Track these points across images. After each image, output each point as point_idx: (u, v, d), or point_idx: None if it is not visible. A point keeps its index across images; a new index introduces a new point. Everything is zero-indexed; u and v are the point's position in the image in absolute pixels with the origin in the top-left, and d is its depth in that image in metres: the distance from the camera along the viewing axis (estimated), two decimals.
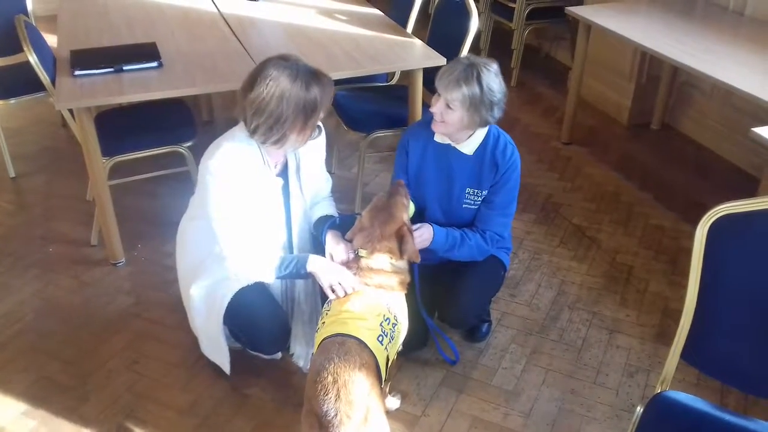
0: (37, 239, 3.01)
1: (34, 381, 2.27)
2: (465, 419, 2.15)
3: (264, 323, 2.12)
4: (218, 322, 2.11)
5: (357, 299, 1.86)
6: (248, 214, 1.99)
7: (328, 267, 1.97)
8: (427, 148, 2.24)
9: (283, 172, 2.12)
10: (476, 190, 2.21)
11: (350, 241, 2.01)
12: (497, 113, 2.07)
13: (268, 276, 2.02)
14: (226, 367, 2.20)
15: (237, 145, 1.97)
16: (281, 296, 2.25)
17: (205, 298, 2.13)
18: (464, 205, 2.24)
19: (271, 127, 1.89)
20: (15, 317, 2.56)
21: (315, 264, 1.99)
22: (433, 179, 2.25)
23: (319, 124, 2.12)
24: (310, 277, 2.01)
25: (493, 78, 2.02)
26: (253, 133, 1.93)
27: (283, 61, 1.92)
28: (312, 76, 1.91)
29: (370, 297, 1.87)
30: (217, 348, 2.20)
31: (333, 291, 1.92)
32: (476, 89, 1.99)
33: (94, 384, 2.26)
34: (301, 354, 2.27)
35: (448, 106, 2.04)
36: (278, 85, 1.86)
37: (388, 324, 1.83)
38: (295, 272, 2.01)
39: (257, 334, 2.15)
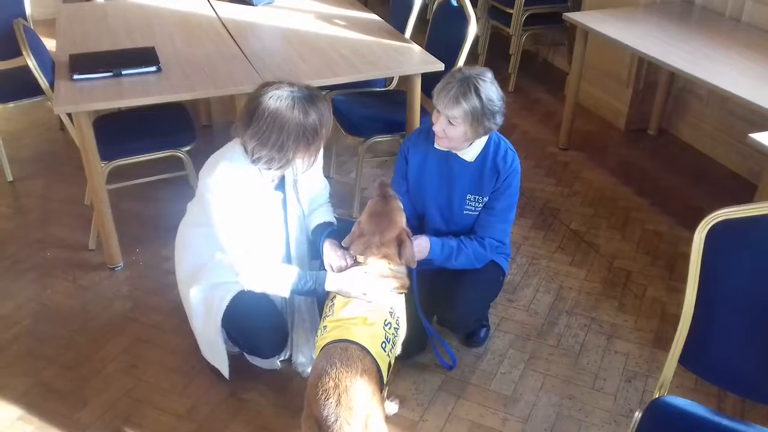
0: (35, 243, 3.01)
1: (31, 386, 2.27)
2: (463, 424, 2.15)
3: (262, 326, 2.12)
4: (216, 325, 2.11)
5: (361, 303, 1.86)
6: (249, 228, 1.99)
7: (349, 282, 1.93)
8: (428, 155, 2.24)
9: (281, 185, 2.13)
10: (477, 197, 2.22)
11: (347, 247, 2.00)
12: (499, 120, 2.08)
13: (284, 292, 2.00)
14: (225, 371, 2.20)
15: (233, 165, 1.96)
16: (281, 304, 2.24)
17: (204, 301, 2.13)
18: (465, 212, 2.25)
19: (273, 157, 1.91)
20: (12, 321, 2.55)
21: (334, 283, 1.95)
22: (433, 186, 2.25)
23: None
24: (327, 295, 2.00)
25: (489, 87, 2.02)
26: (256, 162, 1.94)
27: (277, 90, 1.90)
28: (308, 100, 1.91)
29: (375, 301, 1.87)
30: (215, 351, 2.19)
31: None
32: (476, 102, 1.99)
33: (91, 389, 2.26)
34: (303, 362, 2.27)
35: (450, 122, 2.03)
36: (276, 117, 1.86)
37: (390, 329, 1.84)
38: (312, 290, 1.99)
39: (255, 338, 2.15)
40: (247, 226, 1.97)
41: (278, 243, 2.13)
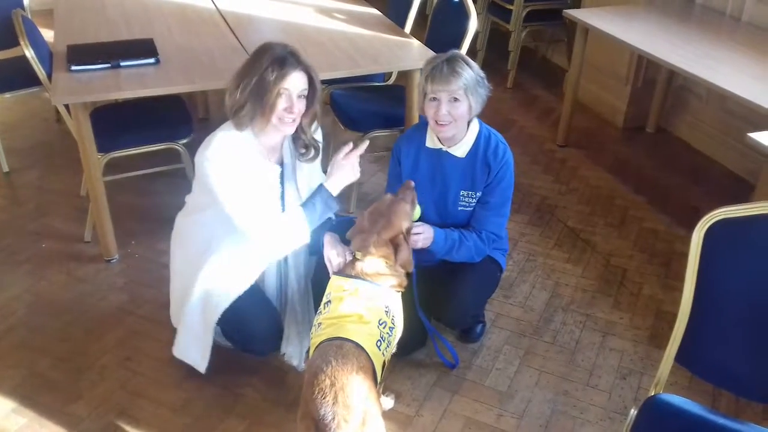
0: (30, 234, 3.00)
1: (25, 378, 2.26)
2: (458, 420, 2.15)
3: (257, 325, 2.12)
4: (212, 322, 2.10)
5: (357, 301, 1.85)
6: (249, 194, 1.98)
7: (343, 175, 2.09)
8: (420, 153, 2.26)
9: (279, 165, 2.12)
10: (471, 192, 2.22)
11: (350, 240, 2.00)
12: (488, 87, 2.15)
13: (305, 236, 2.03)
14: (202, 367, 2.16)
15: (231, 134, 1.98)
16: (275, 297, 2.24)
17: (203, 297, 2.11)
18: (460, 208, 2.25)
19: (232, 91, 1.95)
20: (6, 313, 2.54)
21: (334, 185, 2.08)
22: (427, 184, 2.25)
23: (319, 140, 2.15)
24: (338, 205, 2.09)
25: (470, 60, 2.13)
26: (226, 101, 1.98)
27: (278, 45, 1.97)
28: (278, 60, 1.93)
29: (370, 299, 1.87)
30: (199, 345, 2.15)
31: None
32: (470, 71, 2.08)
33: (86, 381, 2.25)
34: (293, 353, 2.26)
35: (454, 99, 2.07)
36: (253, 58, 1.94)
37: (385, 328, 1.83)
38: (325, 212, 2.05)
39: (251, 336, 2.14)
40: (246, 190, 1.97)
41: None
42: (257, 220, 1.98)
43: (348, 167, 2.10)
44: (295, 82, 1.95)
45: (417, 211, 2.09)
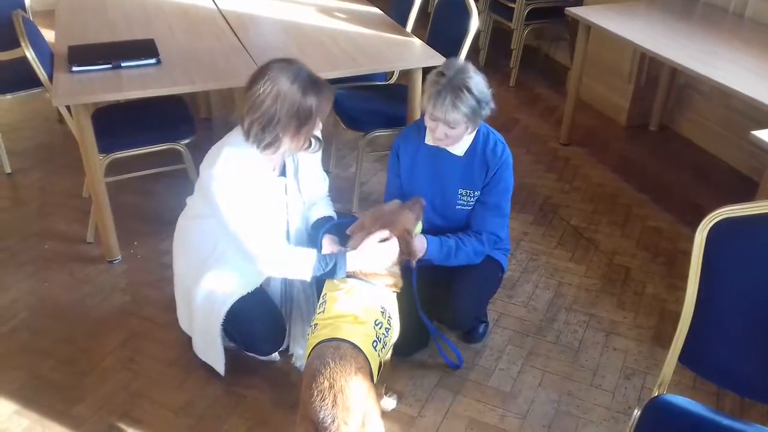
0: (33, 236, 3.00)
1: (27, 379, 2.26)
2: (461, 420, 2.15)
3: (259, 324, 2.12)
4: (217, 324, 2.10)
5: (352, 301, 1.84)
6: (255, 213, 1.97)
7: (366, 259, 1.91)
8: (418, 151, 2.25)
9: (282, 174, 2.11)
10: (469, 191, 2.21)
11: (350, 236, 2.00)
12: (492, 104, 2.08)
13: (306, 275, 1.96)
14: (221, 369, 2.20)
15: (236, 150, 1.95)
16: (280, 297, 2.24)
17: (205, 299, 2.11)
18: (458, 206, 2.24)
19: (263, 127, 1.89)
20: (9, 314, 2.54)
21: (354, 264, 1.92)
22: (425, 181, 2.25)
23: (319, 137, 2.13)
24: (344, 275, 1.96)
25: (477, 81, 2.01)
26: (247, 133, 1.92)
27: (287, 63, 1.92)
28: (311, 83, 1.91)
29: (366, 299, 1.86)
30: (212, 349, 2.18)
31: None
32: (473, 101, 1.99)
33: (88, 383, 2.25)
34: (300, 354, 2.26)
35: (450, 126, 2.03)
36: (275, 84, 1.87)
37: (381, 328, 1.82)
38: (332, 272, 1.94)
39: (252, 335, 2.15)
40: (253, 212, 1.96)
41: (280, 230, 2.12)
42: (263, 245, 1.96)
43: (379, 252, 1.92)
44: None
45: (418, 227, 2.08)
